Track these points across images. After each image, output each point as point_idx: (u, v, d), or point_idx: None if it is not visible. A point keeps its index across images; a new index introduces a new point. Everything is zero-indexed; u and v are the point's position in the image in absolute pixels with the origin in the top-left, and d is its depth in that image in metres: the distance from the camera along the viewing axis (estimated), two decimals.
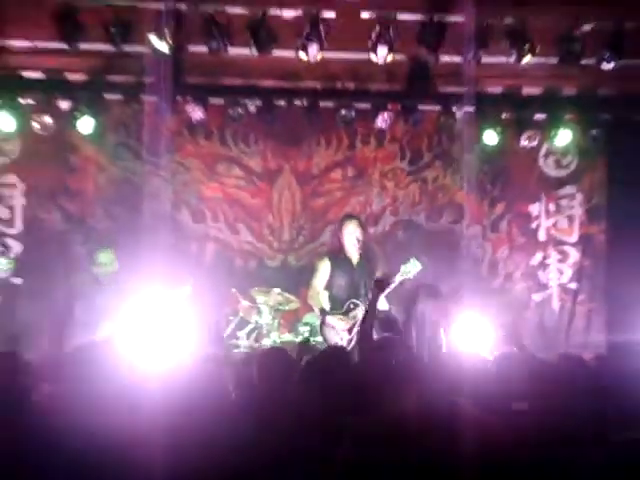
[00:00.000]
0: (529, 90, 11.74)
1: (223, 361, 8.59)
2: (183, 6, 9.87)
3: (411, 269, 9.38)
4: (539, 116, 11.75)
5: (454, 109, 11.57)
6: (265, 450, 3.75)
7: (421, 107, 11.59)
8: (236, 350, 10.21)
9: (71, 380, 3.59)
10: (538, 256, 12.41)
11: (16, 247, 11.71)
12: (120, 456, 3.26)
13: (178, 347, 9.67)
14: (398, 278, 9.33)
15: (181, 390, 4.43)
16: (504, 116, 11.68)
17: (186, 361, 5.48)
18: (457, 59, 10.44)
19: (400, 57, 10.51)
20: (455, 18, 9.98)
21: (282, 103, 11.58)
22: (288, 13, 9.97)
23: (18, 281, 11.04)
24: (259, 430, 3.94)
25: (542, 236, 12.42)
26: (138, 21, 9.84)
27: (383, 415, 3.67)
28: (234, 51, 10.21)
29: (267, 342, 10.11)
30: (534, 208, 12.39)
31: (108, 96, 11.38)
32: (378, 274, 9.28)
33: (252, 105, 11.53)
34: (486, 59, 10.23)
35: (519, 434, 3.45)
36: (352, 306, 9.31)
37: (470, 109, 11.48)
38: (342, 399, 4.31)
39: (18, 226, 11.80)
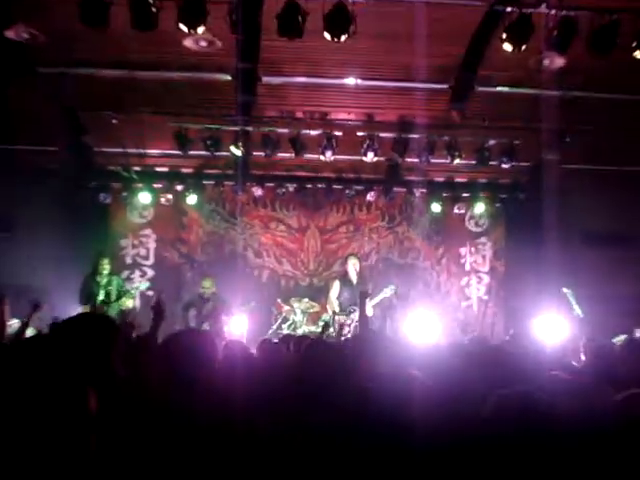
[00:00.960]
0: (458, 179, 12.02)
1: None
2: (250, 128, 10.18)
3: (388, 292, 9.63)
4: (465, 195, 12.02)
5: (414, 190, 11.86)
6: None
7: (394, 189, 11.90)
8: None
9: (172, 358, 2.93)
10: (465, 279, 12.45)
11: (150, 272, 11.83)
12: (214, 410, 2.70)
13: (245, 333, 9.81)
14: (380, 296, 9.55)
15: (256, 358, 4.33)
16: (444, 195, 11.94)
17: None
18: (415, 160, 10.61)
19: (381, 158, 10.68)
20: (414, 135, 10.27)
21: (310, 186, 11.81)
22: (313, 132, 10.23)
23: (151, 294, 10.92)
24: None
25: (467, 267, 12.46)
26: (223, 137, 10.16)
27: (351, 383, 3.09)
28: (280, 155, 10.46)
29: (299, 331, 9.98)
30: (462, 250, 12.46)
31: (205, 182, 11.62)
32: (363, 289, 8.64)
33: (291, 187, 11.73)
34: (433, 160, 10.54)
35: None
36: (352, 310, 9.31)
37: (424, 190, 11.82)
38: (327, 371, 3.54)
39: (151, 260, 11.91)
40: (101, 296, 9.60)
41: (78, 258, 10.32)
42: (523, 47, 6.85)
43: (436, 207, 11.98)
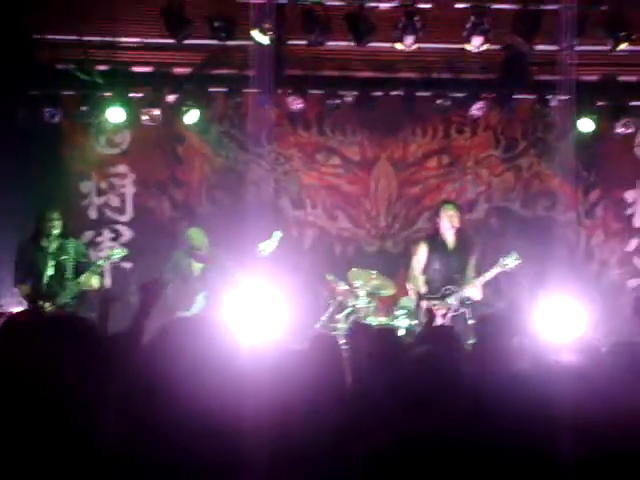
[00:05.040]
0: (625, 78, 11.57)
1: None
2: (283, 0, 9.94)
3: (510, 262, 9.40)
4: (635, 103, 11.44)
5: (549, 97, 11.33)
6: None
7: (516, 96, 11.47)
8: (334, 332, 9.78)
9: (171, 350, 2.95)
10: (633, 242, 12.00)
11: (126, 234, 11.80)
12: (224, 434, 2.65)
13: (275, 327, 9.65)
14: (495, 270, 9.41)
15: (294, 370, 4.22)
16: (599, 103, 11.38)
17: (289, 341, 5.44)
18: (552, 47, 10.38)
19: (494, 46, 10.37)
20: (550, 6, 9.89)
21: (379, 93, 11.46)
22: (385, 5, 9.94)
23: (128, 266, 11.26)
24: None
25: (638, 222, 12.02)
26: (241, 16, 9.90)
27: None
28: (332, 43, 10.26)
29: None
30: (629, 195, 11.96)
31: (212, 89, 11.44)
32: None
33: (349, 96, 11.45)
34: (581, 47, 10.22)
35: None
36: (447, 292, 9.32)
37: (565, 97, 11.12)
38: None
39: (129, 214, 11.89)
40: (50, 270, 9.52)
41: (10, 212, 10.56)
42: None
43: (586, 124, 11.33)
